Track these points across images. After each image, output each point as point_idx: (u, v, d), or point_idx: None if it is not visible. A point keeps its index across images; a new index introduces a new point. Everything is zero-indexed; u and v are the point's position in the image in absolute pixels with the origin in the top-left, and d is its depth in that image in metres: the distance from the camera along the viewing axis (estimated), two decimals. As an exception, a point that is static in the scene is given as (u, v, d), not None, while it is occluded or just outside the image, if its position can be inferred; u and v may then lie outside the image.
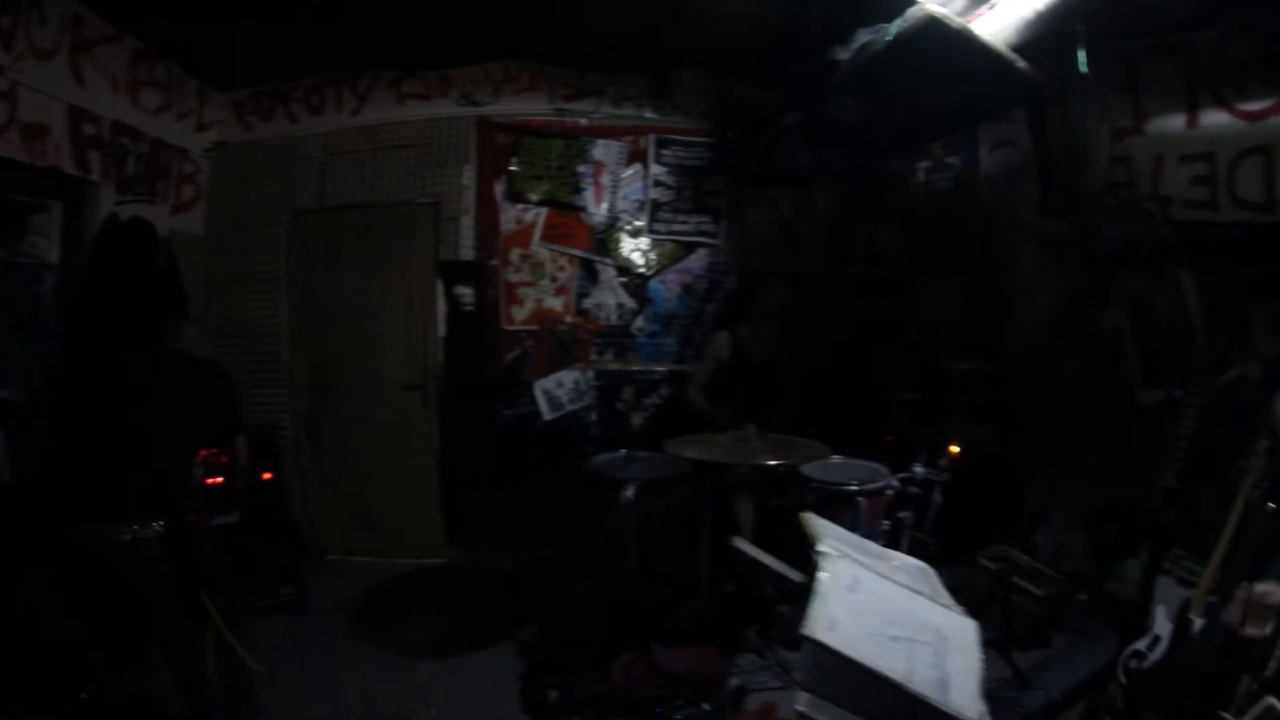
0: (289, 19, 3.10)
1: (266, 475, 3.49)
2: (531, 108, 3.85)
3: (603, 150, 3.86)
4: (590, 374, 3.84)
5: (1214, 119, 2.75)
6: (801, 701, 1.06)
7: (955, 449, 3.25)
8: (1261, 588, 1.21)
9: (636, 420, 3.41)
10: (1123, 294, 3.32)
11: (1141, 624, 2.58)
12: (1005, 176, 3.67)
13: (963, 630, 1.38)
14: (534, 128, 3.85)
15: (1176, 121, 2.90)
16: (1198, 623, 2.20)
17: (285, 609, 3.19)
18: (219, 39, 3.31)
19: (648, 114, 3.90)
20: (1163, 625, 2.47)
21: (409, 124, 3.86)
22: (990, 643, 2.88)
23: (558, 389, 3.84)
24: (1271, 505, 2.19)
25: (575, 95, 3.86)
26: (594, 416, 3.83)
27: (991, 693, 2.60)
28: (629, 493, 2.74)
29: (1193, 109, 2.82)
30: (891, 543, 2.92)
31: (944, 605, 1.48)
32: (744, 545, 1.64)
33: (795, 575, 1.34)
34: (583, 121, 3.87)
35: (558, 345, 3.77)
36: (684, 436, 2.80)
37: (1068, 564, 3.30)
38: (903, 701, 1.07)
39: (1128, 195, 3.18)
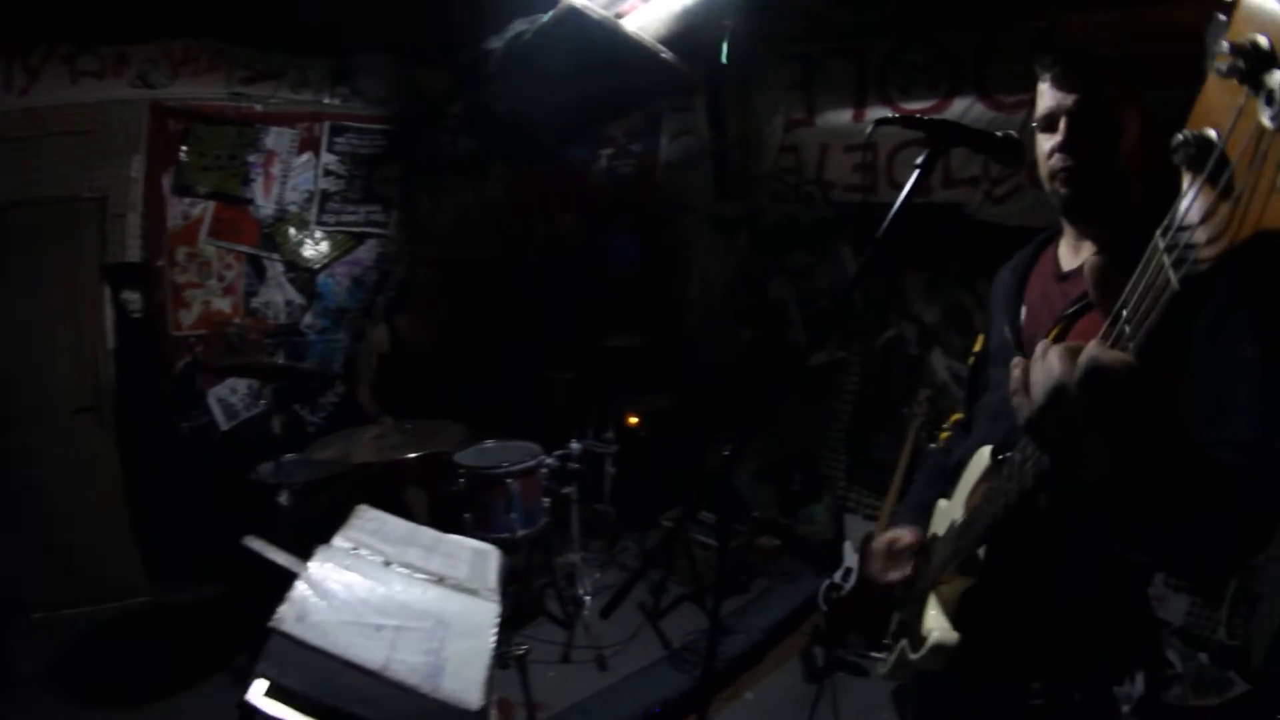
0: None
1: (-59, 530, 3.05)
2: (208, 91, 3.54)
3: (275, 138, 3.63)
4: (263, 376, 3.60)
5: (878, 115, 2.90)
6: (255, 691, 1.01)
7: (634, 420, 3.27)
8: (890, 534, 1.26)
9: (277, 425, 3.20)
10: (787, 268, 3.46)
11: (835, 559, 2.86)
12: (684, 163, 3.80)
13: (476, 615, 1.37)
14: (207, 114, 3.55)
15: (844, 116, 3.10)
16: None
17: (-13, 684, 2.81)
18: None
19: (326, 100, 3.71)
20: (851, 557, 2.79)
21: (79, 108, 3.42)
22: (686, 597, 3.03)
23: (232, 396, 3.59)
24: (934, 445, 2.36)
25: (254, 78, 3.61)
26: (272, 422, 3.58)
27: (690, 644, 2.77)
28: (282, 499, 2.65)
29: (860, 106, 3.02)
30: (560, 517, 2.96)
31: (469, 591, 1.45)
32: (254, 543, 1.51)
33: (300, 570, 1.23)
34: (258, 108, 3.62)
35: (227, 349, 3.52)
36: (326, 436, 2.79)
37: (761, 514, 3.43)
38: (387, 690, 1.06)
39: (794, 180, 3.36)
